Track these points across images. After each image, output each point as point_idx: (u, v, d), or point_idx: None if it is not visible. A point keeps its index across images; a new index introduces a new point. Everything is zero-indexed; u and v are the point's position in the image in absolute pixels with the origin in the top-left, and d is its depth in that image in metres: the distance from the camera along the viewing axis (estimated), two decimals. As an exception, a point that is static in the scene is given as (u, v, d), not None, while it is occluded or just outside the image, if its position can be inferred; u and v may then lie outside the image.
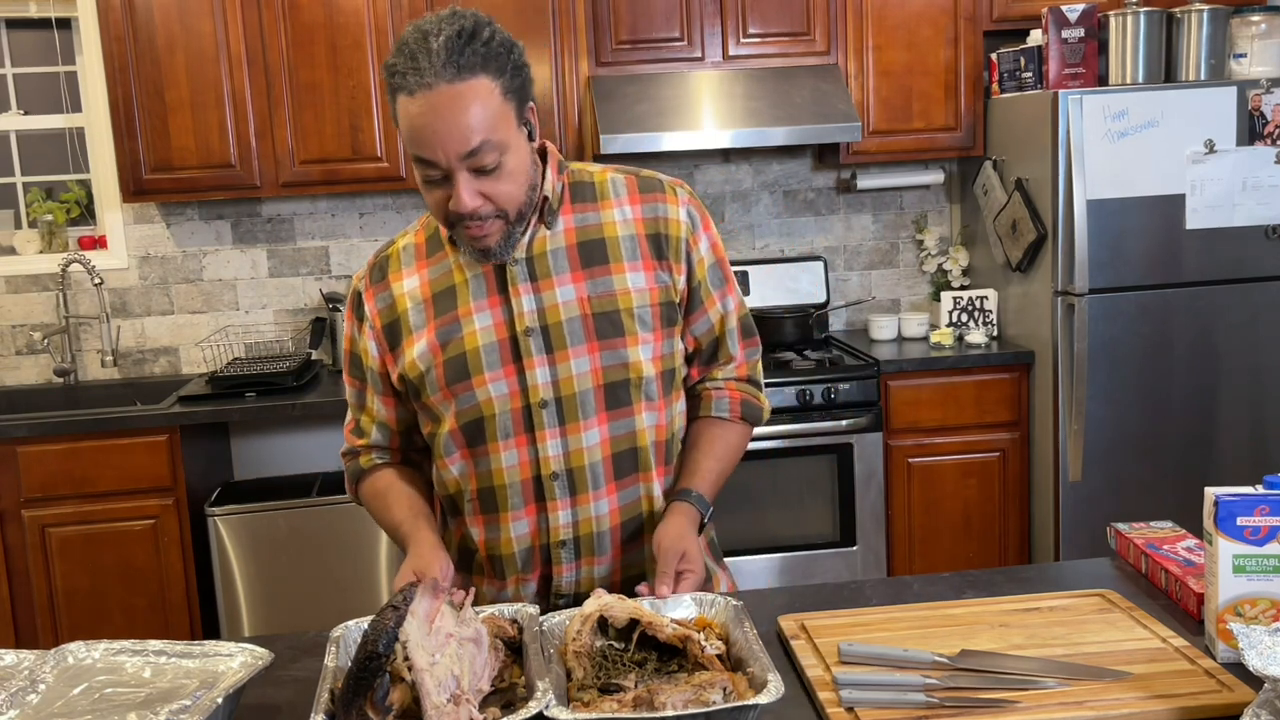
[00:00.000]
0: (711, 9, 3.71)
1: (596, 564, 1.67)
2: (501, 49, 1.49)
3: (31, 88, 4.04)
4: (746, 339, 1.80)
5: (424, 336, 1.64)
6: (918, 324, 3.95)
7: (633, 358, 1.62)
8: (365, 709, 1.21)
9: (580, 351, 1.61)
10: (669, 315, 1.67)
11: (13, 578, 3.36)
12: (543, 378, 1.61)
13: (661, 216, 1.67)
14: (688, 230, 1.68)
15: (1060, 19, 3.49)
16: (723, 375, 1.78)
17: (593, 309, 1.62)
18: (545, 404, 1.61)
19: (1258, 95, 3.39)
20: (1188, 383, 3.52)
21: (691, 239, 1.68)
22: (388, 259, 1.71)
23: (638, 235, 1.66)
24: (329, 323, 3.85)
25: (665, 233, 1.66)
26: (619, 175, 1.71)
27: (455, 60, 1.44)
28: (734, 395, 1.76)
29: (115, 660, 1.43)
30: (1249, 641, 1.19)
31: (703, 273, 1.70)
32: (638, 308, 1.63)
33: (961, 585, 1.66)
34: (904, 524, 3.67)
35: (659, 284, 1.65)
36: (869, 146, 3.83)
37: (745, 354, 1.80)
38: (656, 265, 1.66)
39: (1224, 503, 1.35)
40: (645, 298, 1.64)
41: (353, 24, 3.57)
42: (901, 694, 1.30)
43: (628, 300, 1.63)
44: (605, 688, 1.30)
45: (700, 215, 1.70)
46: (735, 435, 1.75)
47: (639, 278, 1.64)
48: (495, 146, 1.48)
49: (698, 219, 1.70)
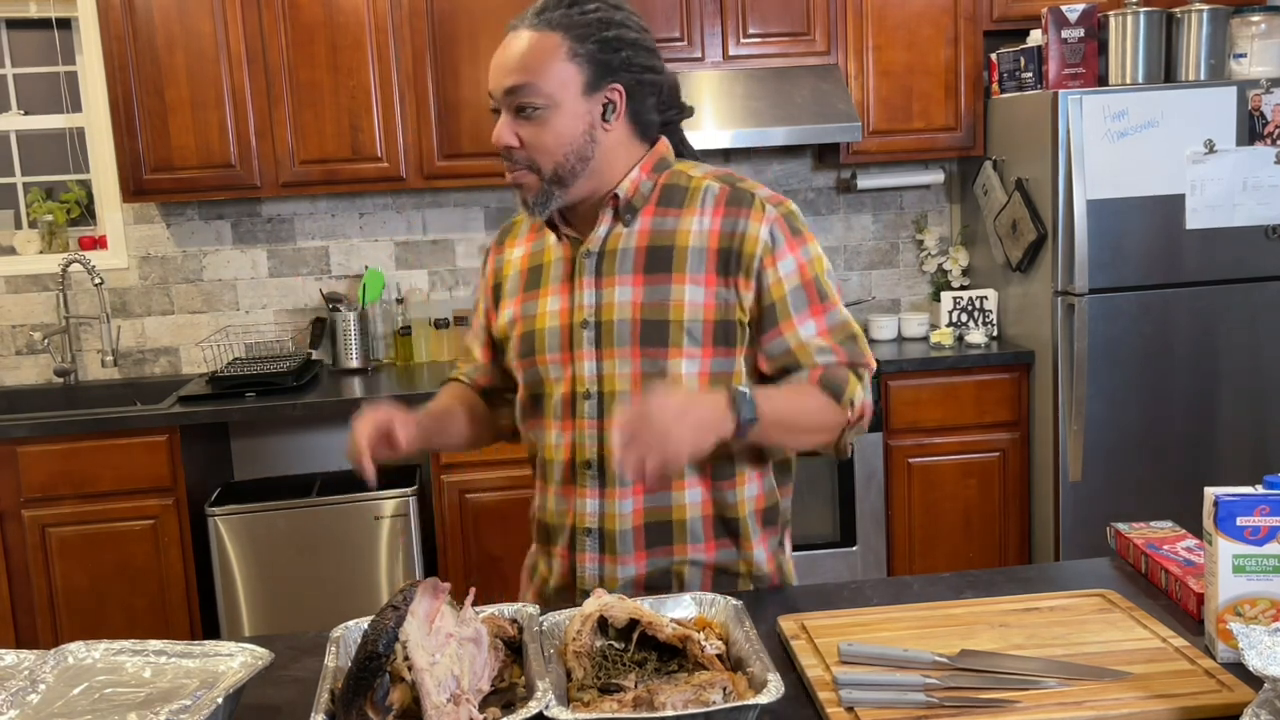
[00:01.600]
0: (711, 9, 3.71)
1: (620, 563, 1.67)
2: (596, 22, 1.59)
3: (31, 88, 4.04)
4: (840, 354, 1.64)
5: (513, 305, 1.75)
6: (918, 324, 3.95)
7: (673, 369, 1.62)
8: (365, 709, 1.21)
9: (625, 353, 1.63)
10: (725, 333, 1.62)
11: (13, 578, 3.36)
12: (589, 370, 1.65)
13: (740, 232, 1.62)
14: (765, 249, 1.61)
15: (1060, 19, 3.49)
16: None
17: (643, 315, 1.63)
18: (589, 395, 1.66)
19: (1258, 95, 3.39)
20: (1188, 383, 3.52)
21: (768, 258, 1.61)
22: (511, 225, 1.84)
23: (708, 248, 1.62)
24: (329, 323, 3.85)
25: (739, 249, 1.62)
26: (715, 183, 1.68)
27: (544, 15, 1.59)
28: (814, 371, 1.63)
29: (115, 660, 1.43)
30: (1249, 641, 1.19)
31: (780, 293, 1.62)
32: (689, 321, 1.61)
33: (961, 585, 1.66)
34: (904, 524, 3.67)
35: (718, 300, 1.61)
36: (869, 146, 3.83)
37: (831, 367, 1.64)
38: (720, 281, 1.62)
39: (1224, 503, 1.35)
40: (699, 312, 1.61)
41: (353, 24, 3.57)
42: (901, 694, 1.30)
43: (679, 312, 1.61)
44: (605, 688, 1.30)
45: (786, 234, 1.63)
46: (809, 389, 1.61)
47: (698, 291, 1.61)
48: (539, 93, 1.57)
49: (781, 238, 1.62)
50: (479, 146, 3.64)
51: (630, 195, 1.66)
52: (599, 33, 1.58)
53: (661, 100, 1.70)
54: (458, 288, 4.08)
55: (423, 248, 4.05)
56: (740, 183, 1.69)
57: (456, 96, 3.63)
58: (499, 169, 4.07)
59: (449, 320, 3.96)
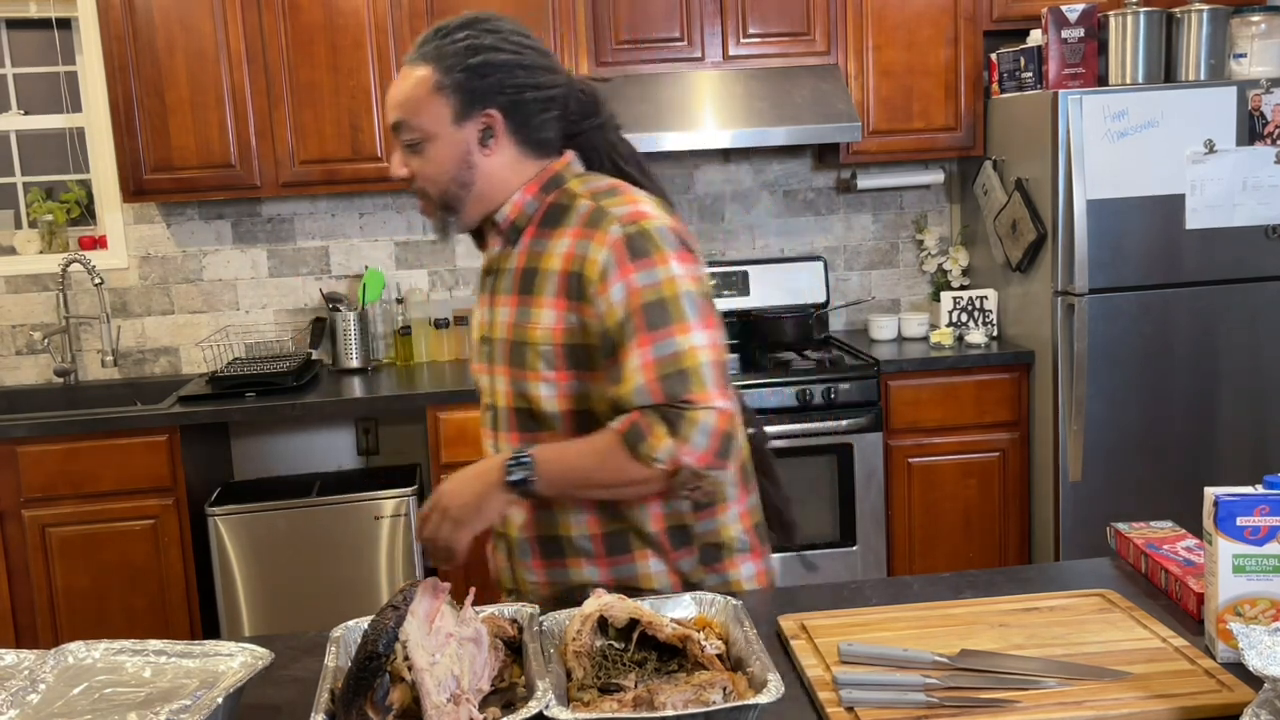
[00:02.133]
0: (711, 9, 3.71)
1: (525, 569, 1.74)
2: (462, 50, 1.60)
3: (31, 88, 4.04)
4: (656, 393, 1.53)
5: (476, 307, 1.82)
6: (918, 324, 3.95)
7: (532, 392, 1.64)
8: (365, 709, 1.21)
9: (502, 371, 1.69)
10: (578, 357, 1.60)
11: (13, 578, 3.36)
12: (486, 383, 1.74)
13: (584, 255, 1.58)
14: (600, 273, 1.56)
15: (1060, 19, 3.49)
16: None
17: (513, 335, 1.66)
18: (490, 407, 1.74)
19: (1258, 95, 3.39)
20: (1188, 383, 3.52)
21: (601, 283, 1.56)
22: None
23: (560, 271, 1.60)
24: (329, 323, 3.85)
25: (583, 272, 1.58)
26: (587, 202, 1.63)
27: (421, 48, 1.63)
28: (628, 419, 1.55)
29: (115, 660, 1.43)
30: (1249, 641, 1.19)
31: (613, 320, 1.55)
32: (542, 345, 1.61)
33: (961, 585, 1.66)
34: (904, 524, 3.67)
35: (568, 324, 1.59)
36: (869, 146, 3.83)
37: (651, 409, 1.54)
38: (569, 305, 1.59)
39: (1224, 503, 1.35)
40: (550, 336, 1.61)
41: (353, 24, 3.57)
42: (901, 694, 1.30)
43: (535, 335, 1.62)
44: (605, 688, 1.30)
45: (623, 257, 1.55)
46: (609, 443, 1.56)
47: (550, 315, 1.61)
48: (414, 128, 1.64)
49: (615, 262, 1.55)
50: (479, 146, 3.64)
51: (513, 216, 1.68)
52: (465, 61, 1.60)
53: (569, 113, 1.69)
54: (458, 288, 4.08)
55: (423, 248, 4.05)
56: (608, 199, 1.63)
57: (456, 96, 3.63)
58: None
59: (449, 320, 3.96)
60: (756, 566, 1.77)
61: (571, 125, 1.70)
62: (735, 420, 1.58)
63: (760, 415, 3.47)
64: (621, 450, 1.54)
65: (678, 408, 1.51)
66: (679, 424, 1.51)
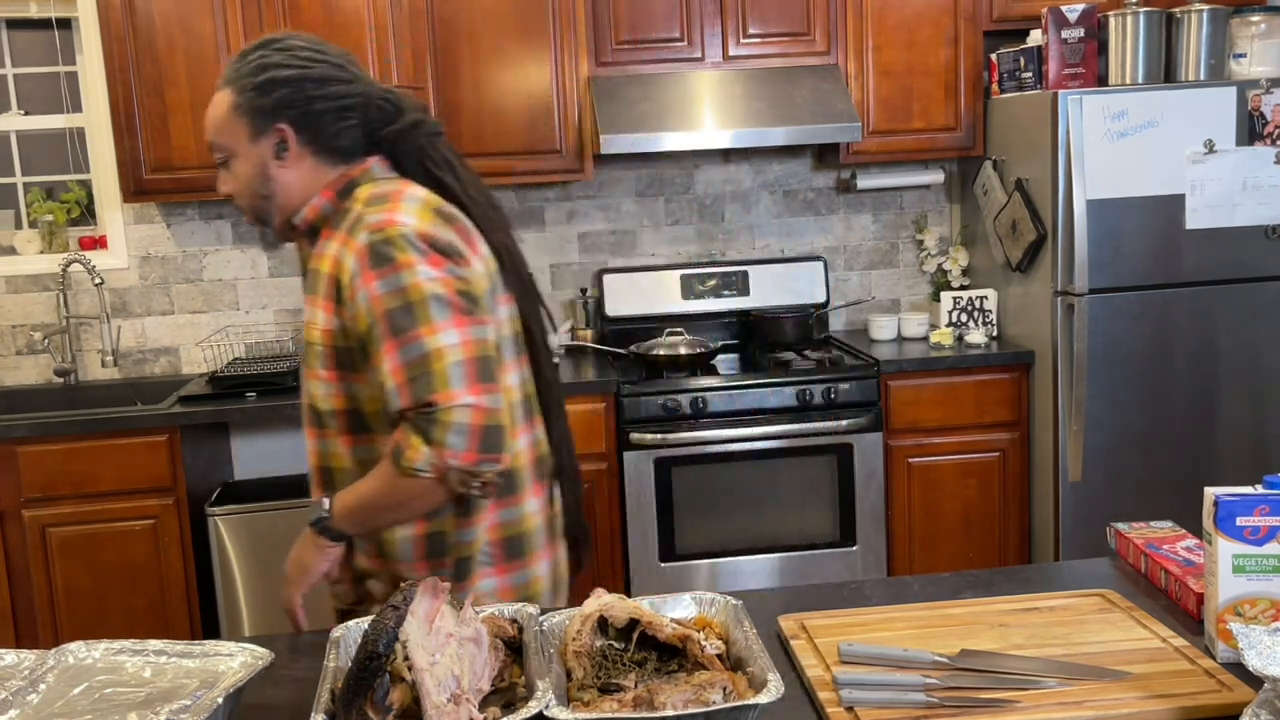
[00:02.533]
0: (711, 9, 3.71)
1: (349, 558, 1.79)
2: (252, 69, 1.69)
3: (32, 88, 4.04)
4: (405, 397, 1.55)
5: None
6: (918, 324, 3.95)
7: (313, 390, 1.72)
8: (365, 709, 1.21)
9: (302, 368, 1.77)
10: (342, 359, 1.66)
11: (13, 578, 3.36)
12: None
13: (341, 261, 1.64)
14: (350, 278, 1.62)
15: (1060, 19, 3.49)
16: None
17: (305, 335, 1.73)
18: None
19: (1257, 95, 3.39)
20: (1188, 383, 3.52)
21: (350, 290, 1.62)
22: None
23: (328, 274, 1.67)
24: (329, 323, 3.85)
25: (339, 278, 1.64)
26: (358, 209, 1.68)
27: (225, 72, 1.75)
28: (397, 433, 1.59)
29: (115, 660, 1.43)
30: (1249, 641, 1.19)
31: (364, 326, 1.60)
32: (317, 344, 1.69)
33: (961, 585, 1.66)
34: (904, 524, 3.67)
35: (334, 326, 1.65)
36: (869, 146, 3.83)
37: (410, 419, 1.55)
38: (334, 308, 1.65)
39: (1224, 503, 1.35)
40: (320, 337, 1.68)
41: (353, 24, 3.57)
42: (901, 694, 1.30)
43: (313, 335, 1.70)
44: (605, 688, 1.30)
45: (365, 264, 1.59)
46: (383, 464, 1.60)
47: (322, 316, 1.67)
48: (221, 148, 1.75)
49: (358, 269, 1.60)
50: (479, 146, 3.65)
51: (310, 218, 1.74)
52: (254, 80, 1.69)
53: (370, 120, 1.74)
54: (458, 288, 4.07)
55: (423, 248, 4.04)
56: (372, 207, 1.66)
57: (457, 96, 3.63)
58: (499, 169, 4.09)
59: (449, 320, 3.96)
60: (499, 581, 1.75)
61: (374, 132, 1.75)
62: (502, 413, 1.58)
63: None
64: (393, 470, 1.57)
65: (425, 412, 1.53)
66: (430, 429, 1.52)
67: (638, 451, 3.50)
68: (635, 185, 4.09)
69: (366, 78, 1.76)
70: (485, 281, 1.69)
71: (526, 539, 1.78)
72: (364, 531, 1.70)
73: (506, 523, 1.75)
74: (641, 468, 3.50)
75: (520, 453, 1.76)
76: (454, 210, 1.72)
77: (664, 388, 3.51)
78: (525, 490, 1.77)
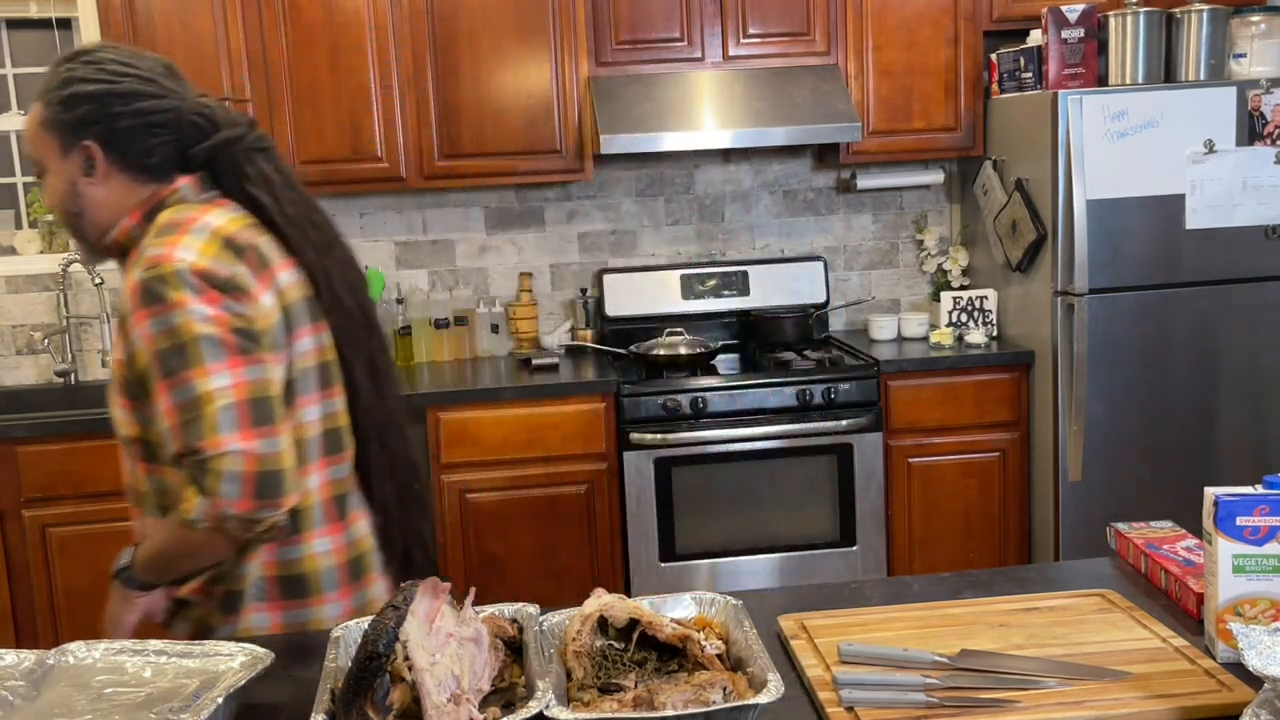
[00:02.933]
0: (711, 9, 3.71)
1: None
2: (59, 84, 1.65)
3: (31, 88, 4.04)
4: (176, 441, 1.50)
5: None
6: (918, 324, 3.95)
7: (114, 414, 1.68)
8: (365, 709, 1.21)
9: None
10: (132, 389, 1.61)
11: (13, 578, 3.36)
12: None
13: (124, 295, 1.59)
14: (125, 315, 1.58)
15: (1060, 19, 3.49)
16: None
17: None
18: None
19: (1257, 95, 3.39)
20: (1188, 383, 3.52)
21: (126, 327, 1.58)
22: None
23: (121, 306, 1.62)
24: (329, 323, 3.85)
25: (123, 311, 1.60)
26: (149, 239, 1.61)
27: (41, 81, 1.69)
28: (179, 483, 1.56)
29: (115, 660, 1.43)
30: (1249, 641, 1.19)
31: (141, 365, 1.56)
32: (115, 371, 1.65)
33: (961, 585, 1.66)
34: (904, 524, 3.67)
35: (125, 355, 1.61)
36: (869, 146, 3.83)
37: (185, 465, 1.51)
38: (124, 340, 1.61)
39: (1224, 503, 1.35)
40: (116, 366, 1.64)
41: (353, 24, 3.57)
42: (901, 694, 1.30)
43: (113, 361, 1.66)
44: (605, 687, 1.30)
45: (137, 303, 1.54)
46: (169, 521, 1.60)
47: (119, 345, 1.63)
48: (35, 163, 1.70)
49: (130, 309, 1.55)
50: (479, 146, 3.65)
51: (120, 240, 1.68)
52: (59, 94, 1.64)
53: (182, 135, 1.67)
54: (458, 288, 4.08)
55: (423, 248, 4.05)
56: (157, 238, 1.59)
57: (457, 96, 3.63)
58: (499, 169, 4.08)
59: (449, 320, 3.96)
60: (273, 618, 1.70)
61: (187, 149, 1.68)
62: (282, 456, 1.52)
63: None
64: (177, 521, 1.54)
65: (196, 459, 1.48)
66: (202, 478, 1.48)
67: (638, 451, 3.50)
68: (635, 185, 4.09)
69: (184, 91, 1.68)
70: (274, 315, 1.60)
71: (311, 579, 1.70)
72: (167, 580, 1.67)
73: (286, 561, 1.68)
74: (641, 468, 3.51)
75: (312, 490, 1.68)
76: (251, 238, 1.63)
77: (664, 388, 3.51)
78: (314, 529, 1.69)
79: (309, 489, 1.67)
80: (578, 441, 3.52)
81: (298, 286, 1.67)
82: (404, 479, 1.80)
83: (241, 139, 1.70)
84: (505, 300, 4.06)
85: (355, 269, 1.79)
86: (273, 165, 1.72)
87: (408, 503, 1.80)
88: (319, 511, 1.70)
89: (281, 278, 1.64)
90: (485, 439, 3.48)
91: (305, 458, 1.65)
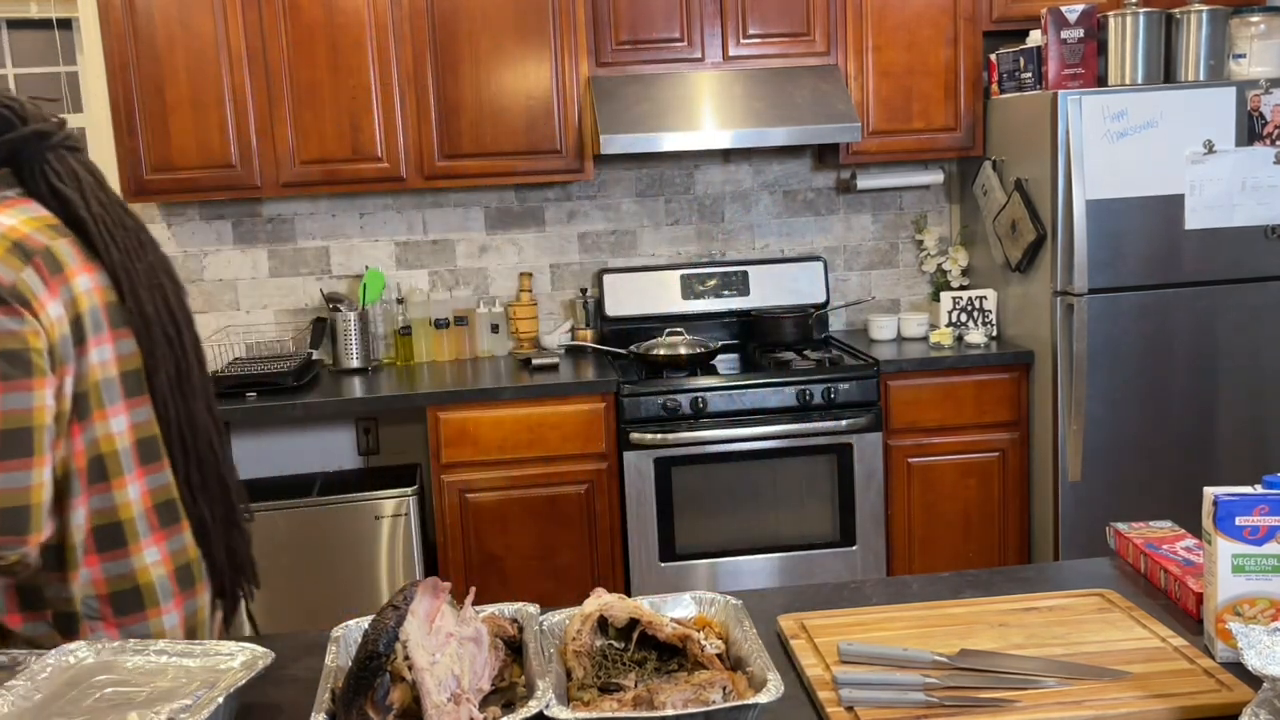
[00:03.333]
0: (711, 9, 3.71)
1: None
2: None
3: (31, 88, 4.04)
4: None
5: None
6: (917, 324, 3.95)
7: None
8: (366, 708, 1.21)
9: None
10: None
11: (13, 577, 3.36)
12: None
13: None
14: None
15: (1060, 19, 3.50)
16: None
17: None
18: None
19: (1257, 95, 3.39)
20: (1188, 383, 3.52)
21: None
22: None
23: None
24: (329, 323, 3.85)
25: None
26: None
27: None
28: None
29: (115, 660, 1.43)
30: (1248, 641, 1.19)
31: None
32: None
33: (961, 585, 1.67)
34: (904, 524, 3.67)
35: None
36: (869, 146, 3.83)
37: None
38: None
39: (1223, 502, 1.35)
40: None
41: (353, 24, 3.57)
42: (901, 693, 1.30)
43: None
44: (605, 687, 1.30)
45: None
46: None
47: None
48: None
49: None
50: (479, 146, 3.65)
51: None
52: None
53: None
54: (458, 288, 4.08)
55: (423, 248, 4.05)
56: None
57: (457, 96, 3.63)
58: (499, 169, 4.09)
59: (449, 320, 3.97)
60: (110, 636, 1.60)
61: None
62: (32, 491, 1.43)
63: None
64: None
65: None
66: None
67: (638, 451, 3.50)
68: (635, 185, 4.09)
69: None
70: (60, 327, 1.48)
71: (146, 592, 1.62)
72: None
73: (114, 577, 1.59)
74: (641, 467, 3.51)
75: (131, 502, 1.59)
76: (47, 240, 1.51)
77: (664, 388, 3.52)
78: (140, 541, 1.60)
79: (130, 499, 1.59)
80: (578, 441, 3.52)
81: (100, 291, 1.56)
82: (216, 492, 1.71)
83: (51, 135, 1.59)
84: (505, 300, 4.06)
85: (168, 274, 1.68)
86: (83, 166, 1.62)
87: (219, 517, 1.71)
88: (143, 522, 1.61)
89: (78, 283, 1.52)
90: (485, 439, 3.48)
91: (116, 471, 1.57)
